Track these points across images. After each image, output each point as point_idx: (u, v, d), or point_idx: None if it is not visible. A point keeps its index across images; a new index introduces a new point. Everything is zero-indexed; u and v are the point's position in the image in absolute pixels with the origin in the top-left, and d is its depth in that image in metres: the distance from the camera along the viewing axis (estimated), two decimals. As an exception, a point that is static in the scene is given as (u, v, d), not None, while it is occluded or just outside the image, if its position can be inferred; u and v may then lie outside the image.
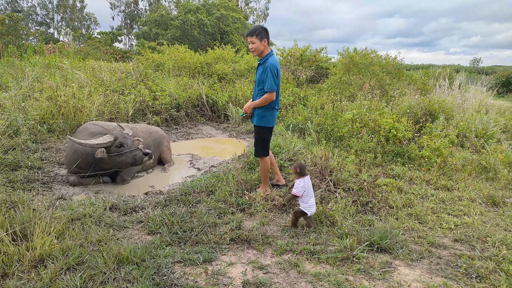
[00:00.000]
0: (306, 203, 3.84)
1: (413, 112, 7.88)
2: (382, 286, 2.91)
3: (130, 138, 5.38)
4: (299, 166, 3.93)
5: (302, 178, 3.89)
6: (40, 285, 2.82)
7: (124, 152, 5.19)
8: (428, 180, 5.40)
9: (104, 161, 5.18)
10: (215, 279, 2.98)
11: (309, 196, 3.86)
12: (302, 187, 3.84)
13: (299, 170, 3.91)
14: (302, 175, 3.91)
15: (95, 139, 5.11)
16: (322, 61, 16.31)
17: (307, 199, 3.85)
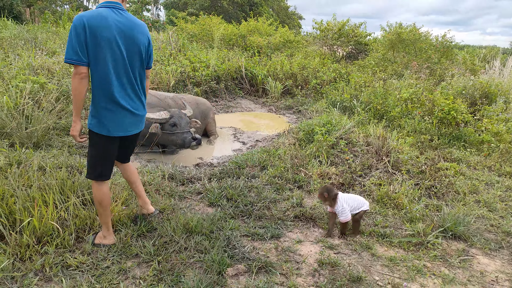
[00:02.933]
0: (361, 208, 3.24)
1: (468, 94, 7.45)
2: (463, 275, 2.78)
3: (185, 119, 5.33)
4: (326, 190, 3.18)
5: (338, 199, 3.18)
6: (114, 249, 2.84)
7: (175, 132, 5.17)
8: (490, 166, 5.12)
9: (156, 136, 5.18)
10: (286, 256, 2.92)
11: (361, 204, 3.25)
12: (347, 209, 3.16)
13: (328, 194, 3.17)
14: (334, 197, 3.18)
15: (151, 113, 5.08)
16: (361, 36, 15.65)
17: (361, 208, 3.25)
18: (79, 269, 2.61)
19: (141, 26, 2.72)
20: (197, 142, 5.24)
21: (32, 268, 2.56)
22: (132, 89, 2.72)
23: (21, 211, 2.85)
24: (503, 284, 2.71)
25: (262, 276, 2.65)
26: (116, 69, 2.58)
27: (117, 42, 2.53)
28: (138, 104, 2.81)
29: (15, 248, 2.67)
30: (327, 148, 5.17)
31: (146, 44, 2.77)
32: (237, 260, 2.81)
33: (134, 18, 2.69)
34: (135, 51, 2.67)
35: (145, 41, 2.75)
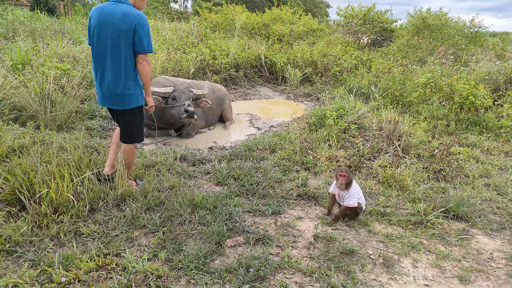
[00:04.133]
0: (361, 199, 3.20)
1: (492, 79, 7.20)
2: (459, 252, 2.80)
3: (187, 94, 5.44)
4: (350, 174, 3.09)
5: (353, 185, 3.12)
6: (124, 221, 3.05)
7: (174, 106, 5.34)
8: (507, 152, 4.99)
9: (161, 111, 5.39)
10: (284, 230, 3.03)
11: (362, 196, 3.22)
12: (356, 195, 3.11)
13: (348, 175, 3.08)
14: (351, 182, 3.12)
15: (157, 88, 5.29)
16: (387, 22, 15.24)
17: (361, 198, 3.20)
18: (91, 237, 2.83)
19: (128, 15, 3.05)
20: (188, 114, 5.22)
21: (48, 234, 2.80)
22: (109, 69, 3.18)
23: (40, 184, 3.11)
24: (499, 262, 2.71)
25: (259, 248, 2.78)
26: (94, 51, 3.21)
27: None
28: (107, 80, 3.21)
29: (34, 217, 2.93)
30: (338, 133, 5.21)
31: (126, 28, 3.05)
32: (237, 233, 2.96)
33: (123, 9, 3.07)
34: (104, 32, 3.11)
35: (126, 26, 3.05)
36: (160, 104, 5.35)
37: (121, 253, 2.65)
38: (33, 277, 2.35)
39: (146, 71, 3.22)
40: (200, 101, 5.65)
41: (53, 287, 2.26)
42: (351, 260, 2.64)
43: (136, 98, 3.32)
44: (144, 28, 3.10)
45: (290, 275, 2.48)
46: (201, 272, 2.47)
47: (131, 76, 3.23)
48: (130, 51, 3.14)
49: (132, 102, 3.30)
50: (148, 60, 3.21)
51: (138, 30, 3.07)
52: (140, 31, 3.08)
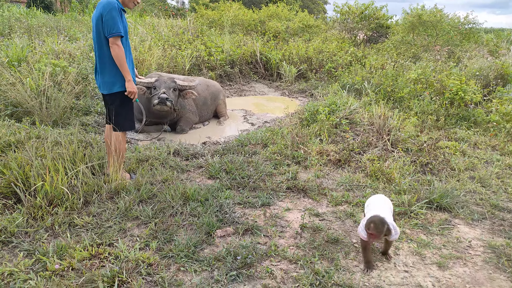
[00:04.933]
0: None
1: (483, 75, 7.30)
2: (440, 241, 2.90)
3: (168, 84, 5.46)
4: (385, 224, 2.40)
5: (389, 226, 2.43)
6: (117, 212, 3.14)
7: (154, 95, 5.40)
8: (494, 146, 5.10)
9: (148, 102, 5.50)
10: (273, 221, 3.13)
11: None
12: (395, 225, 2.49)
13: (387, 228, 2.41)
14: (388, 228, 2.42)
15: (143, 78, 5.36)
16: (382, 19, 15.32)
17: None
18: (84, 228, 2.92)
19: (100, 4, 3.34)
20: (159, 101, 5.21)
21: (43, 226, 2.89)
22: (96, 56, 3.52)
23: (35, 177, 3.19)
24: (477, 249, 2.82)
25: (248, 237, 2.88)
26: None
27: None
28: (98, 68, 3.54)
29: (29, 209, 3.02)
30: (330, 128, 5.30)
31: (98, 17, 3.32)
32: (227, 223, 3.06)
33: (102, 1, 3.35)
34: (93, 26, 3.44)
35: (98, 15, 3.33)
36: (145, 94, 5.45)
37: (114, 243, 2.74)
38: (28, 265, 2.44)
39: (116, 54, 3.35)
40: (185, 92, 5.67)
41: (48, 275, 2.35)
42: (336, 248, 2.75)
43: (112, 83, 3.51)
44: (110, 13, 3.28)
45: (276, 262, 2.58)
46: (190, 260, 2.57)
47: (108, 62, 3.45)
48: (105, 38, 3.36)
49: (108, 87, 3.52)
50: (118, 44, 3.33)
51: (105, 15, 3.28)
52: (106, 16, 3.28)
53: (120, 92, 3.56)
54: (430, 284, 2.42)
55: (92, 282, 2.28)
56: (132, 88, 3.54)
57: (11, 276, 2.33)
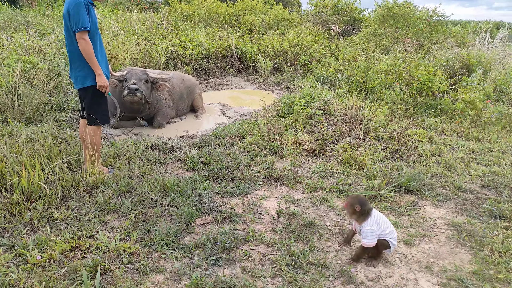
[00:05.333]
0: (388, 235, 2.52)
1: (449, 66, 7.64)
2: (407, 221, 3.10)
3: (139, 76, 5.42)
4: (357, 203, 2.44)
5: (370, 217, 2.48)
6: (96, 206, 3.17)
7: (125, 87, 5.36)
8: (460, 132, 5.39)
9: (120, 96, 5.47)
10: (251, 209, 3.25)
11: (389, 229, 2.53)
12: (374, 232, 2.45)
13: (360, 208, 2.44)
14: (366, 213, 2.47)
15: (115, 72, 5.33)
16: (355, 12, 15.63)
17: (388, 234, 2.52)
18: (64, 222, 2.94)
19: (65, 3, 3.37)
20: (129, 91, 5.18)
21: (21, 221, 2.89)
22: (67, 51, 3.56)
23: (11, 173, 3.17)
24: (441, 227, 3.03)
25: (226, 225, 2.99)
26: None
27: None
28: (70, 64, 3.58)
29: (6, 205, 3.00)
30: (305, 119, 5.45)
31: (65, 13, 3.36)
32: (206, 212, 3.14)
33: None
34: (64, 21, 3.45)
35: (65, 10, 3.37)
36: (117, 88, 5.45)
37: (95, 235, 2.78)
38: (9, 259, 2.45)
39: (83, 48, 3.36)
40: (158, 85, 5.67)
41: (29, 268, 2.37)
42: (310, 231, 2.89)
43: (83, 78, 3.53)
44: (75, 8, 3.29)
45: (254, 246, 2.70)
46: (171, 248, 2.65)
47: (78, 57, 3.47)
48: (74, 34, 3.38)
49: (80, 81, 3.54)
50: (85, 38, 3.35)
51: (71, 10, 3.30)
52: (71, 11, 3.30)
53: (92, 86, 3.57)
54: (397, 260, 2.60)
55: (75, 271, 2.32)
56: (103, 82, 3.55)
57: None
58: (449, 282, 2.38)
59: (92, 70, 3.50)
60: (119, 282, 2.23)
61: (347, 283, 2.34)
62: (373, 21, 12.41)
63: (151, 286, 2.28)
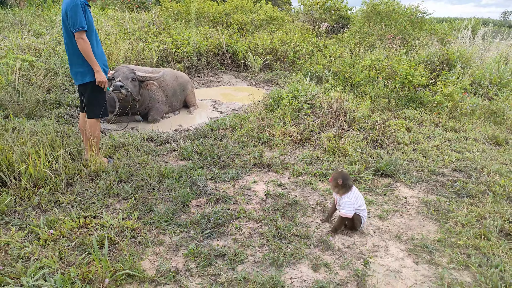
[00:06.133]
0: (362, 212, 2.87)
1: (430, 61, 8.02)
2: (382, 200, 3.43)
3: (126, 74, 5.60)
4: (340, 177, 2.79)
5: (350, 191, 2.82)
6: (98, 191, 3.44)
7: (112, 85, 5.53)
8: (437, 123, 5.75)
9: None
10: (241, 191, 3.55)
11: (362, 211, 2.87)
12: (352, 205, 2.78)
13: (342, 181, 2.79)
14: (347, 187, 2.81)
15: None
16: (344, 10, 16.01)
17: (362, 213, 2.87)
18: (70, 205, 3.21)
19: (64, 2, 3.60)
20: (114, 88, 5.32)
21: (30, 204, 3.15)
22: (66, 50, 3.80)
23: (19, 162, 3.42)
24: (413, 204, 3.36)
25: (219, 205, 3.28)
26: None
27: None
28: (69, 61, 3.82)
29: (15, 191, 3.26)
30: (293, 112, 5.76)
31: (64, 14, 3.60)
32: (200, 195, 3.43)
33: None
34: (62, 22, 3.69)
35: (63, 11, 3.61)
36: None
37: (99, 215, 3.06)
38: (22, 236, 2.72)
39: (82, 47, 3.62)
40: (146, 83, 5.88)
41: (41, 243, 2.64)
42: (295, 209, 3.20)
43: (83, 74, 3.78)
44: (73, 9, 3.53)
45: (244, 222, 3.00)
46: (169, 225, 2.94)
47: (78, 55, 3.72)
48: (72, 33, 3.63)
49: (80, 78, 3.80)
50: (83, 38, 3.60)
51: (69, 12, 3.54)
52: (69, 13, 3.54)
53: (91, 82, 3.84)
54: (371, 231, 2.93)
55: (83, 245, 2.60)
56: (101, 78, 3.81)
57: (8, 245, 2.61)
58: (415, 248, 2.71)
59: (90, 67, 3.76)
60: (124, 252, 2.52)
61: (326, 249, 2.66)
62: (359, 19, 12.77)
63: (153, 255, 2.57)
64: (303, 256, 2.57)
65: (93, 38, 3.81)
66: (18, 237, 2.70)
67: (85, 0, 3.69)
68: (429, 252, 2.67)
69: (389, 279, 2.40)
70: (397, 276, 2.43)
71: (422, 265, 2.55)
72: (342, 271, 2.45)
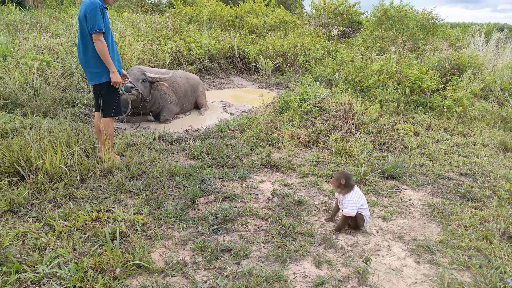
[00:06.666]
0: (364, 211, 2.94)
1: (441, 66, 8.01)
2: (387, 201, 3.48)
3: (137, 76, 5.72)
4: (343, 177, 2.86)
5: (352, 190, 2.89)
6: (111, 187, 3.57)
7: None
8: (446, 128, 5.76)
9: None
10: (248, 190, 3.64)
11: (365, 210, 2.94)
12: (355, 204, 2.84)
13: (345, 181, 2.86)
14: (350, 187, 2.90)
15: None
16: (355, 15, 16.05)
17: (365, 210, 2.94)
18: (83, 199, 3.34)
19: (83, 4, 3.72)
20: (125, 89, 5.40)
21: (46, 198, 3.29)
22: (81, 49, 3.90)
23: (36, 157, 3.58)
24: (417, 206, 3.41)
25: (227, 203, 3.38)
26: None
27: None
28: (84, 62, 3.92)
29: (32, 185, 3.40)
30: (301, 114, 5.84)
31: (82, 16, 3.72)
32: (208, 193, 3.54)
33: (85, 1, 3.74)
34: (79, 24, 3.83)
35: (82, 14, 3.72)
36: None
37: (111, 209, 3.18)
38: (38, 228, 2.85)
39: (99, 48, 3.76)
40: (156, 84, 6.02)
41: (57, 234, 2.77)
42: (300, 208, 3.28)
43: (99, 75, 3.91)
44: (92, 12, 3.67)
45: (250, 220, 3.09)
46: (178, 220, 3.04)
47: (92, 56, 3.85)
48: (90, 35, 3.76)
49: (95, 78, 3.93)
50: (101, 39, 3.74)
51: (87, 14, 3.68)
52: (88, 15, 3.68)
53: (107, 82, 3.98)
54: (374, 231, 2.99)
55: (96, 237, 2.72)
56: (117, 79, 3.95)
57: (25, 236, 2.75)
58: (417, 248, 2.76)
59: (106, 67, 3.90)
60: (135, 244, 2.63)
61: (329, 247, 2.73)
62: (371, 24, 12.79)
63: (162, 248, 2.67)
64: (306, 253, 2.64)
65: (109, 40, 3.96)
66: (35, 228, 2.83)
67: (103, 3, 3.85)
68: (431, 253, 2.72)
69: (390, 277, 2.46)
70: (398, 275, 2.48)
71: (423, 265, 2.60)
72: (344, 268, 2.52)
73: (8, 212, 3.06)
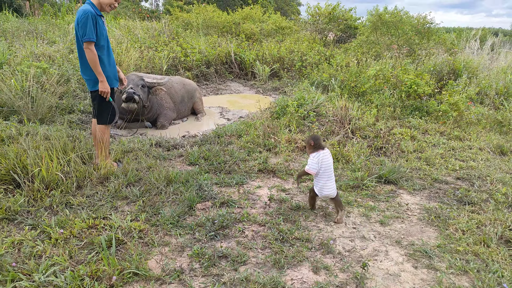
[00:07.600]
0: (320, 183, 3.16)
1: (437, 71, 8.07)
2: (384, 206, 3.48)
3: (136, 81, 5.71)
4: (312, 138, 3.18)
5: (317, 152, 3.14)
6: (108, 194, 3.56)
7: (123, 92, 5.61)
8: (442, 132, 5.79)
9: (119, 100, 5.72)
10: (246, 196, 3.63)
11: (326, 177, 3.13)
12: (316, 164, 3.09)
13: (313, 142, 3.16)
14: (317, 148, 3.15)
15: None
16: (351, 20, 16.15)
17: (324, 180, 3.13)
18: (80, 206, 3.33)
19: (77, 12, 3.69)
20: (127, 95, 5.42)
21: (42, 205, 3.27)
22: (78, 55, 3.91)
23: (32, 164, 3.56)
24: (414, 211, 3.41)
25: (224, 209, 3.37)
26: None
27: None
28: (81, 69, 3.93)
29: (28, 192, 3.39)
30: (298, 119, 5.85)
31: (76, 24, 3.71)
32: (205, 199, 3.53)
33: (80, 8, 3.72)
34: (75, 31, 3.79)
35: (75, 21, 3.72)
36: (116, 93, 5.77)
37: (108, 216, 3.16)
38: (34, 236, 2.83)
39: (89, 57, 3.72)
40: (155, 89, 6.03)
41: (53, 242, 2.75)
42: (297, 214, 3.27)
43: (95, 82, 3.89)
44: (82, 20, 3.64)
45: (248, 225, 3.08)
46: (175, 227, 3.03)
47: (85, 64, 3.85)
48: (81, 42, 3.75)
49: (93, 85, 3.92)
50: (91, 48, 3.70)
51: (79, 22, 3.66)
52: (80, 23, 3.65)
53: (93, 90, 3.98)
54: (372, 236, 2.98)
55: (92, 244, 2.70)
56: (104, 88, 3.89)
57: (21, 244, 2.73)
58: (415, 253, 2.76)
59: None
60: (131, 251, 2.61)
61: (326, 253, 2.73)
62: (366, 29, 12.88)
63: (159, 255, 2.66)
64: (304, 259, 2.64)
65: (105, 48, 3.94)
66: (31, 236, 2.81)
67: (98, 11, 3.84)
68: (429, 257, 2.72)
69: (388, 282, 2.45)
70: (396, 280, 2.48)
71: (421, 269, 2.60)
72: (342, 274, 2.51)
73: (4, 220, 3.04)
